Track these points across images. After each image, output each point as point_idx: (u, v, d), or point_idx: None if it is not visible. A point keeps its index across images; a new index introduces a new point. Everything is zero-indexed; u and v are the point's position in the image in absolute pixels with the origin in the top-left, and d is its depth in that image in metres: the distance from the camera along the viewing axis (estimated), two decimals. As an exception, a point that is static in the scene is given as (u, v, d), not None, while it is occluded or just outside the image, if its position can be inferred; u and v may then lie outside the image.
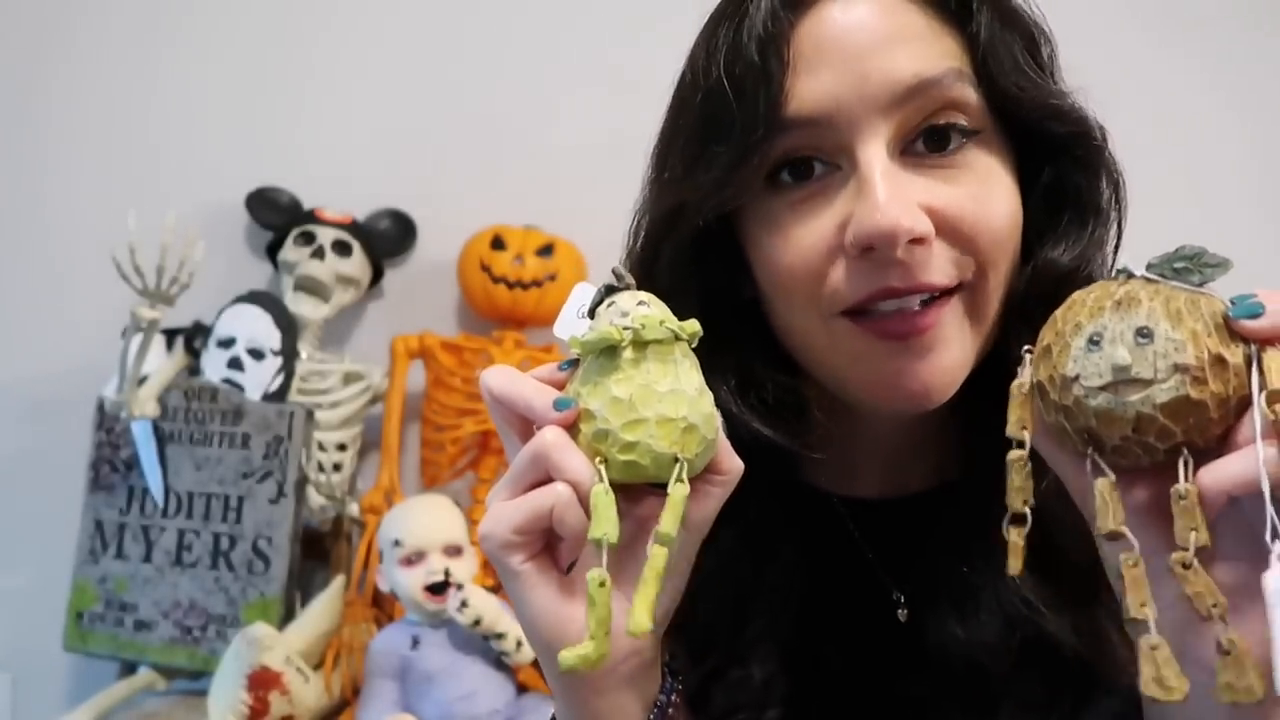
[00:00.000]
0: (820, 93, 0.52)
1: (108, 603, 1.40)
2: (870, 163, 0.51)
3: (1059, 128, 0.55)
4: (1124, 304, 0.42)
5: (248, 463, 1.37)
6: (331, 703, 1.32)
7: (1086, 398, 0.41)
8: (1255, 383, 0.40)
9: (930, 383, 0.53)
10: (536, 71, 1.65)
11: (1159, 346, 0.40)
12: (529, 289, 1.53)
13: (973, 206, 0.52)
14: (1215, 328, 0.41)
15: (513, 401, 0.47)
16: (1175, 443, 0.41)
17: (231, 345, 1.42)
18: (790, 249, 0.53)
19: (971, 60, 0.53)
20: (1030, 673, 0.56)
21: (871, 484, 0.63)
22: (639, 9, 1.61)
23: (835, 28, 0.52)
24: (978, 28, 0.53)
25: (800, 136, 0.52)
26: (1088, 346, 0.42)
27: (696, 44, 0.57)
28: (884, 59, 0.51)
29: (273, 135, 1.64)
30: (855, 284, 0.52)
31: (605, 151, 1.54)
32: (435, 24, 1.66)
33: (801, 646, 0.60)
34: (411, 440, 1.59)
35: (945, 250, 0.52)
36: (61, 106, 1.63)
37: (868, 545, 0.62)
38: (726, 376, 0.56)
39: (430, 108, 1.64)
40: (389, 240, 1.60)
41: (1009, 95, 0.53)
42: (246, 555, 1.36)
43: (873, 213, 0.50)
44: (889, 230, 0.49)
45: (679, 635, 0.62)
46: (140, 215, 1.27)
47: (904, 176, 0.52)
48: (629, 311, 0.47)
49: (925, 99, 0.52)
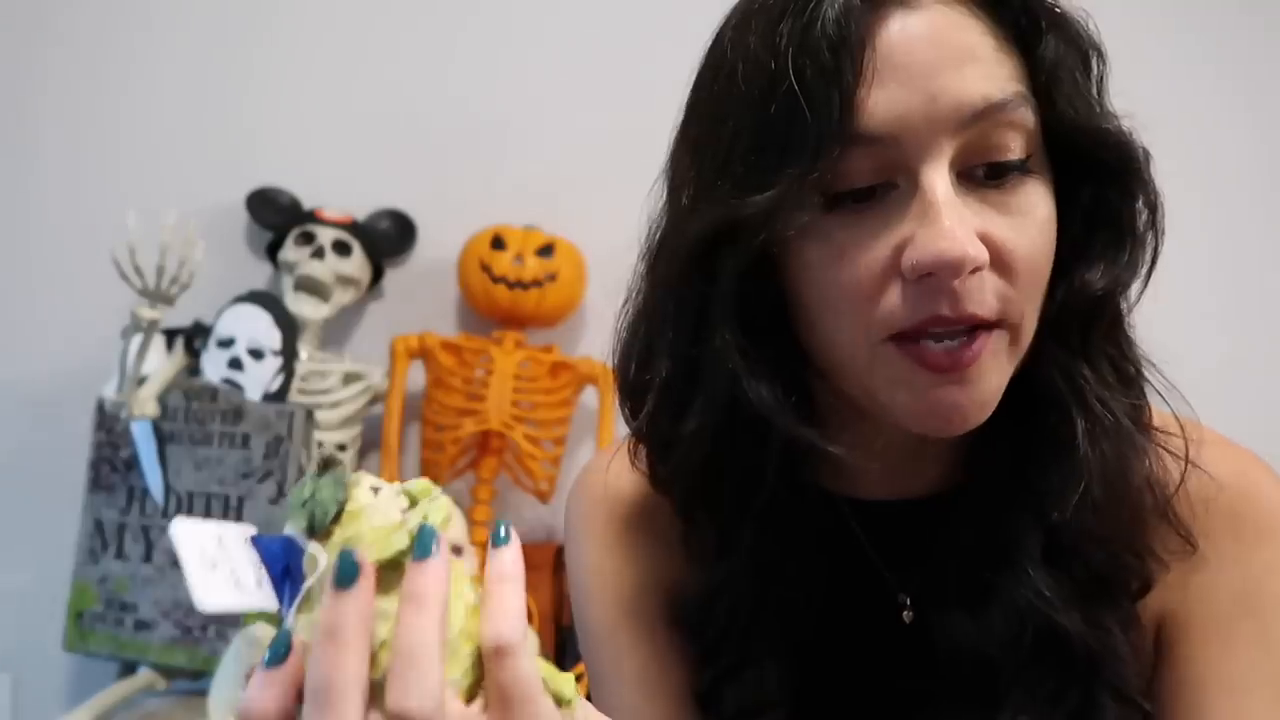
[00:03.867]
0: (889, 108, 0.49)
1: (108, 603, 1.40)
2: (934, 186, 0.50)
3: (1106, 153, 0.54)
4: None
5: (248, 463, 1.37)
6: (331, 703, 1.31)
7: None
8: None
9: (969, 413, 0.52)
10: (537, 72, 1.65)
11: None
12: (529, 289, 1.53)
13: (1020, 241, 0.51)
14: None
15: None
16: None
17: (231, 345, 1.42)
18: (845, 268, 0.51)
19: (1032, 83, 0.53)
20: (1039, 666, 0.56)
21: (878, 486, 0.63)
22: (639, 9, 1.61)
23: (906, 39, 0.50)
24: (1045, 50, 0.52)
25: (864, 153, 0.50)
26: None
27: (743, 37, 0.53)
28: (953, 78, 0.50)
29: (273, 135, 1.64)
30: (908, 309, 0.51)
31: (605, 151, 1.54)
32: (436, 24, 1.66)
33: (811, 647, 0.60)
34: (411, 440, 1.59)
35: (992, 281, 0.51)
36: (61, 106, 1.63)
37: (872, 547, 0.63)
38: (767, 386, 0.54)
39: (431, 108, 1.64)
40: (389, 240, 1.60)
41: (1064, 119, 0.53)
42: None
43: (938, 239, 0.49)
44: (957, 258, 0.48)
45: (693, 636, 0.62)
46: (140, 215, 1.27)
47: (963, 202, 0.51)
48: (401, 489, 0.41)
49: (990, 122, 0.51)
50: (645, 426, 0.60)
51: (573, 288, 1.57)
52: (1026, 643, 0.56)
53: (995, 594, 0.57)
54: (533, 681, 0.38)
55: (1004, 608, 0.56)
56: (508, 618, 0.38)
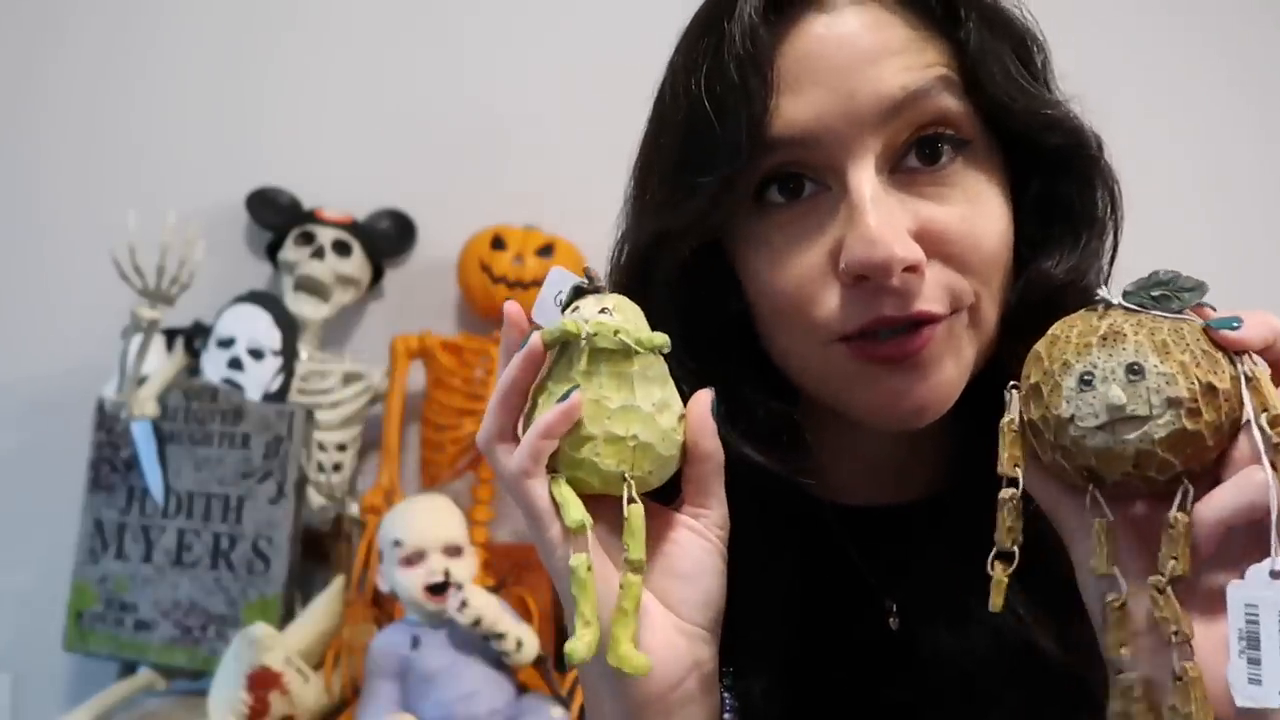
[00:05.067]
0: (806, 112, 0.50)
1: (108, 603, 1.40)
2: (860, 188, 0.50)
3: (1052, 138, 0.54)
4: (1109, 339, 0.42)
5: (248, 463, 1.37)
6: (331, 703, 1.32)
7: (1084, 438, 0.42)
8: (1250, 406, 0.41)
9: (926, 401, 0.52)
10: (536, 72, 1.65)
11: (1151, 382, 0.41)
12: (529, 289, 1.53)
13: (964, 228, 0.51)
14: (1202, 355, 0.41)
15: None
16: (1174, 473, 0.41)
17: (231, 345, 1.42)
18: (782, 275, 0.52)
19: (960, 69, 0.52)
20: (1018, 684, 0.56)
21: (863, 493, 0.62)
22: (639, 9, 1.61)
23: (819, 44, 0.51)
24: (966, 35, 0.52)
25: (787, 155, 0.51)
26: (1079, 386, 0.42)
27: (674, 58, 0.55)
28: (870, 75, 0.50)
29: (273, 135, 1.64)
30: (849, 313, 0.51)
31: (605, 151, 1.53)
32: (436, 24, 1.66)
33: (794, 651, 0.59)
34: (411, 440, 1.59)
35: (939, 274, 0.51)
36: (61, 106, 1.63)
37: (858, 553, 0.62)
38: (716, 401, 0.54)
39: (431, 108, 1.64)
40: (389, 240, 1.60)
41: (999, 104, 0.52)
42: (246, 555, 1.36)
43: (866, 244, 0.48)
44: (883, 261, 0.48)
45: None
46: (140, 215, 1.27)
47: (894, 199, 0.50)
48: (589, 318, 0.47)
49: (914, 112, 0.51)
50: None
51: (573, 288, 1.57)
52: (1005, 659, 0.55)
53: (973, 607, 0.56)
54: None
55: (981, 624, 0.56)
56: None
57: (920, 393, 0.52)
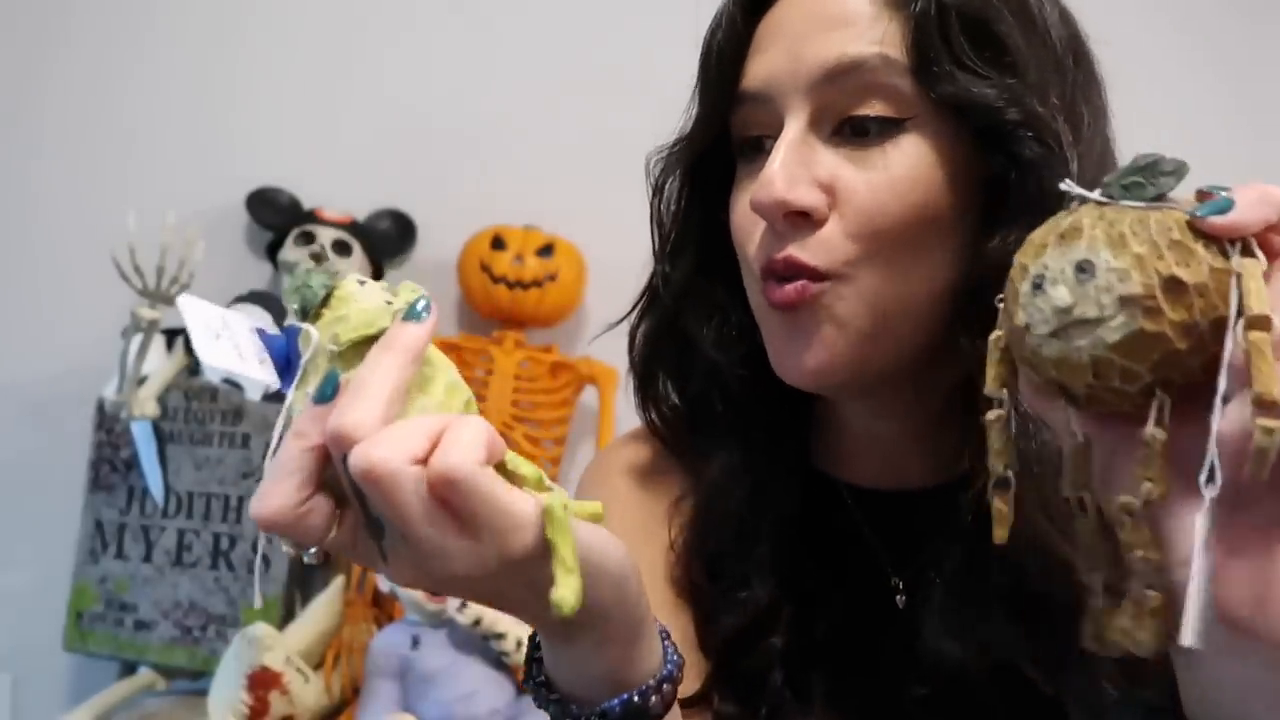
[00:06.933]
0: (763, 70, 0.56)
1: (108, 603, 1.40)
2: (783, 136, 0.54)
3: (1001, 121, 0.53)
4: (1066, 236, 0.37)
5: (248, 463, 1.37)
6: (331, 703, 1.32)
7: (1041, 347, 0.37)
8: (1234, 301, 0.34)
9: (808, 363, 0.55)
10: (536, 72, 1.65)
11: (1101, 280, 0.35)
12: (529, 289, 1.53)
13: (866, 193, 0.53)
14: (1169, 245, 0.35)
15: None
16: (1144, 383, 0.36)
17: (231, 345, 1.42)
18: (737, 209, 0.58)
19: (908, 50, 0.54)
20: (1009, 700, 0.56)
21: (871, 473, 0.64)
22: (639, 10, 1.61)
23: (790, 10, 0.57)
24: (912, 15, 0.54)
25: (752, 110, 0.57)
26: (1032, 290, 0.37)
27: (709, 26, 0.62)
28: (817, 41, 0.54)
29: (273, 135, 1.64)
30: (760, 247, 0.56)
31: (605, 151, 1.54)
32: (436, 24, 1.66)
33: (801, 595, 0.61)
34: (411, 440, 1.59)
35: (831, 232, 0.54)
36: (61, 106, 1.63)
37: (867, 528, 0.63)
38: (700, 308, 0.63)
39: (430, 108, 1.64)
40: (389, 240, 1.60)
41: (939, 85, 0.53)
42: (246, 555, 1.36)
43: (760, 184, 0.54)
44: (767, 200, 0.53)
45: (697, 560, 0.64)
46: (140, 215, 1.27)
47: (815, 151, 0.54)
48: (385, 285, 0.43)
49: (850, 81, 0.54)
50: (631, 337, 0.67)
51: (573, 288, 1.57)
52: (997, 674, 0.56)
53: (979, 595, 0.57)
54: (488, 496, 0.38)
55: (985, 621, 0.56)
56: (459, 448, 0.38)
57: (803, 353, 0.55)
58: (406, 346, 0.40)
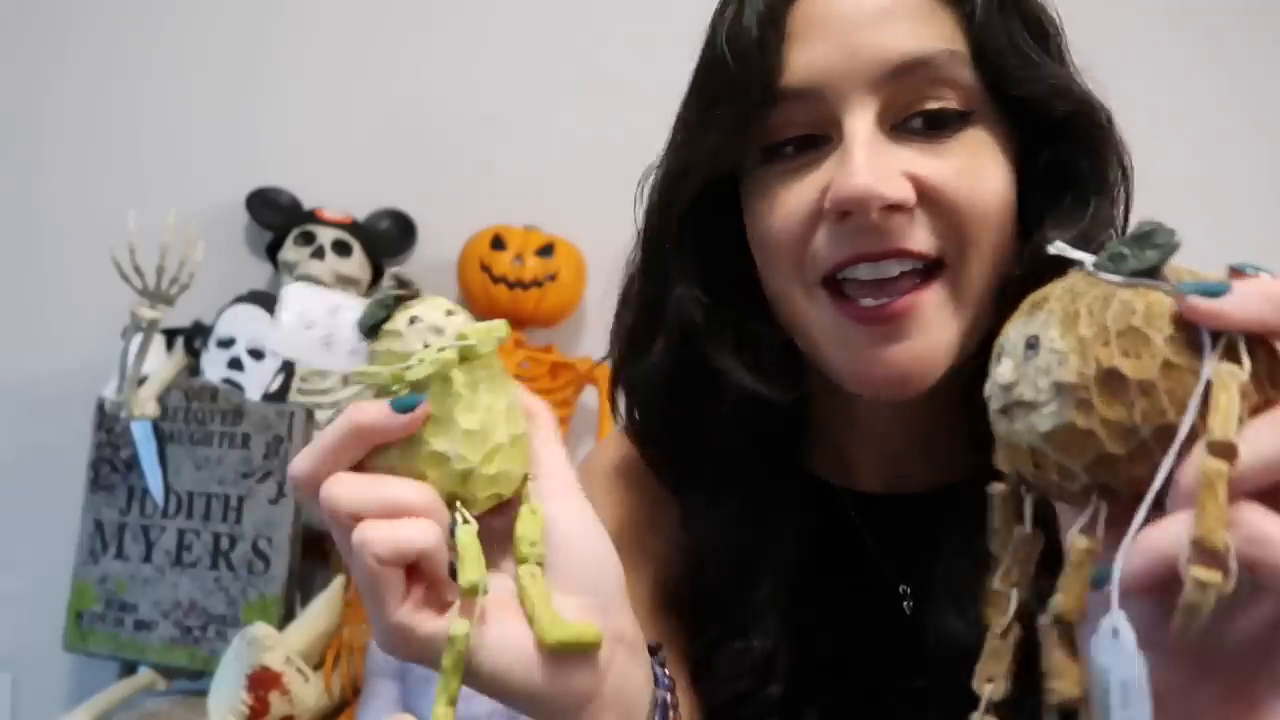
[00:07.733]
0: (812, 64, 0.53)
1: (108, 603, 1.40)
2: (854, 132, 0.52)
3: (1059, 108, 0.54)
4: (1036, 305, 0.34)
5: (248, 463, 1.37)
6: (331, 703, 1.31)
7: (994, 423, 0.34)
8: (1191, 410, 0.29)
9: (908, 369, 0.52)
10: (536, 72, 1.65)
11: (1041, 360, 0.32)
12: (529, 289, 1.53)
13: (958, 180, 0.52)
14: (1121, 332, 0.30)
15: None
16: (1082, 484, 0.31)
17: (232, 345, 1.42)
18: (776, 214, 0.54)
19: (968, 41, 0.53)
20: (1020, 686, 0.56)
21: (873, 478, 0.63)
22: (638, 10, 1.61)
23: (831, 2, 0.53)
24: (973, 8, 0.53)
25: (794, 109, 0.53)
26: (995, 359, 0.34)
27: (713, 18, 0.59)
28: (874, 34, 0.52)
29: (273, 135, 1.64)
30: (832, 248, 0.52)
31: (605, 151, 1.54)
32: (436, 24, 1.66)
33: (803, 625, 0.60)
34: (411, 440, 1.59)
35: (927, 221, 0.52)
36: (61, 106, 1.63)
37: (873, 538, 0.63)
38: (725, 337, 0.58)
39: (431, 108, 1.64)
40: (389, 240, 1.60)
41: (1004, 75, 0.53)
42: (246, 555, 1.36)
43: (850, 176, 0.50)
44: (863, 192, 0.50)
45: (680, 606, 0.63)
46: (140, 215, 1.27)
47: (889, 146, 0.52)
48: (443, 326, 0.43)
49: (915, 78, 0.52)
50: (615, 365, 0.63)
51: (573, 288, 1.57)
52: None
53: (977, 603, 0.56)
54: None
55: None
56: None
57: (900, 359, 0.52)
58: (369, 420, 0.40)
